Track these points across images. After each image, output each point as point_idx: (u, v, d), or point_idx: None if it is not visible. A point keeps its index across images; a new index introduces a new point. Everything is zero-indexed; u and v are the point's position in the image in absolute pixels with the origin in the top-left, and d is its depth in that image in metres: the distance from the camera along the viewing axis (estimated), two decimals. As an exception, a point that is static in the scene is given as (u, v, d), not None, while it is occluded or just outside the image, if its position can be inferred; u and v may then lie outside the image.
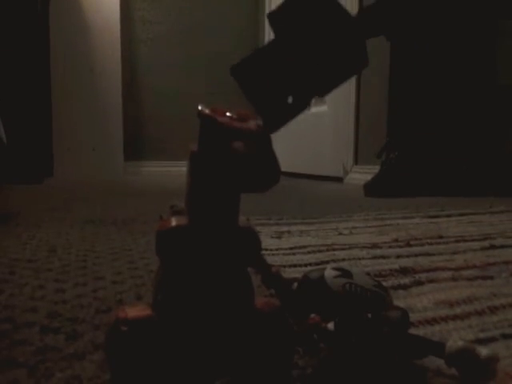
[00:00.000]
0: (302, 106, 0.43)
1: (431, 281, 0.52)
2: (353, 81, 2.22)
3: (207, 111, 0.25)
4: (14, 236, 0.83)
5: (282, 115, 0.42)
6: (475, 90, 1.66)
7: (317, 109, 2.54)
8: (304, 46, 0.40)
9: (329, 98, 2.43)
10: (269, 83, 0.41)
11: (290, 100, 0.42)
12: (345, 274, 0.35)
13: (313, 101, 0.43)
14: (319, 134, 2.50)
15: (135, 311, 0.25)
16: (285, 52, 0.40)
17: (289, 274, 0.55)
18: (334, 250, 0.69)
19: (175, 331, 0.25)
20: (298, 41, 0.40)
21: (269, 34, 3.03)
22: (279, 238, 0.79)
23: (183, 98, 2.94)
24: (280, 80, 0.41)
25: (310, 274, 0.37)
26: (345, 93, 2.29)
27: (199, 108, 0.25)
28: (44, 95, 2.41)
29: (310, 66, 0.41)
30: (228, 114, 0.25)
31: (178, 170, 2.91)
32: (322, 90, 0.43)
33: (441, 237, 0.79)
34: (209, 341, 0.25)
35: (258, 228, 0.91)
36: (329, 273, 0.35)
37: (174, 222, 0.26)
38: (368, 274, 0.55)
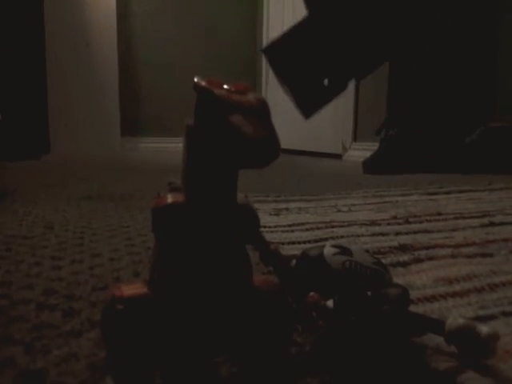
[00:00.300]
0: (339, 88, 0.41)
1: (430, 258, 0.52)
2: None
3: (203, 83, 0.24)
4: (10, 212, 0.82)
5: (317, 99, 0.41)
6: (475, 66, 1.63)
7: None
8: (343, 23, 0.38)
9: (328, 73, 2.40)
10: (304, 65, 0.39)
11: (326, 82, 0.40)
12: (344, 251, 0.35)
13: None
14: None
15: (131, 289, 0.25)
16: (322, 30, 0.38)
17: (287, 251, 0.54)
18: (332, 227, 0.68)
19: (172, 310, 0.24)
20: (336, 17, 0.38)
21: (267, 6, 2.97)
22: (277, 215, 0.78)
23: (181, 73, 2.90)
24: (316, 61, 0.39)
25: (308, 251, 0.37)
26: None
27: (195, 80, 0.24)
28: (39, 71, 2.37)
29: (350, 46, 0.38)
30: (225, 86, 0.24)
31: (175, 146, 2.89)
32: (361, 71, 0.41)
33: (440, 214, 0.78)
34: (206, 319, 0.25)
35: (256, 205, 0.91)
36: (328, 250, 0.35)
37: (170, 199, 0.25)
38: (367, 251, 0.55)
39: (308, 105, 0.40)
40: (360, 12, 0.38)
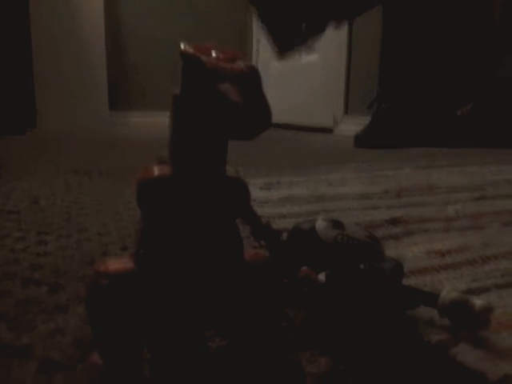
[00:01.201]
0: (316, 30, 0.40)
1: (422, 231, 0.52)
2: (344, 30, 2.15)
3: (190, 50, 0.22)
4: (-5, 187, 0.80)
5: (294, 39, 0.39)
6: (468, 39, 1.61)
7: (307, 58, 2.47)
8: None
9: (320, 47, 2.36)
10: (284, 6, 0.38)
11: (303, 25, 0.39)
12: (336, 224, 0.34)
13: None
14: (309, 84, 2.45)
15: (116, 264, 0.24)
16: None
17: (278, 225, 0.54)
18: (323, 200, 0.68)
19: (159, 284, 0.24)
20: None
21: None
22: (268, 189, 0.77)
23: (169, 44, 2.84)
24: (295, 3, 0.38)
25: (300, 225, 0.36)
26: (336, 43, 2.22)
27: (181, 46, 0.22)
28: (24, 44, 2.31)
29: None
30: (214, 53, 0.23)
31: (164, 120, 2.85)
32: (339, 15, 0.39)
33: (431, 187, 0.78)
34: (195, 294, 0.24)
35: (246, 179, 0.89)
36: (320, 224, 0.34)
37: (156, 172, 0.24)
38: (359, 224, 0.54)
39: (284, 44, 0.39)
40: None
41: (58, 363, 0.26)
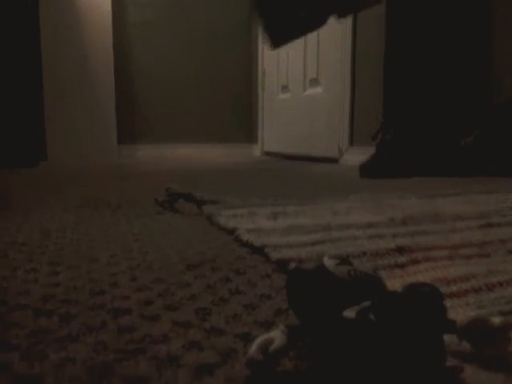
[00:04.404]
0: (316, 21, 0.39)
1: (428, 259, 0.52)
2: (348, 61, 2.20)
3: None
4: (7, 219, 0.82)
5: (291, 29, 0.39)
6: (470, 67, 1.64)
7: (311, 91, 2.52)
8: None
9: (323, 79, 2.41)
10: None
11: (302, 14, 0.39)
12: (344, 261, 0.35)
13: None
14: (314, 116, 2.48)
15: None
16: None
17: (284, 254, 0.54)
18: (329, 230, 0.68)
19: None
20: None
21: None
22: (275, 218, 0.78)
23: (177, 79, 2.91)
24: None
25: (303, 266, 0.36)
26: (340, 74, 2.27)
27: None
28: (36, 79, 2.38)
29: None
30: None
31: (172, 153, 2.89)
32: (343, 7, 0.39)
33: (437, 216, 0.78)
34: None
35: (253, 209, 0.90)
36: (329, 262, 0.34)
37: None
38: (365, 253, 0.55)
39: (279, 34, 0.38)
40: None
41: (70, 391, 0.27)
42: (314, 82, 2.49)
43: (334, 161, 2.31)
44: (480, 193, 1.06)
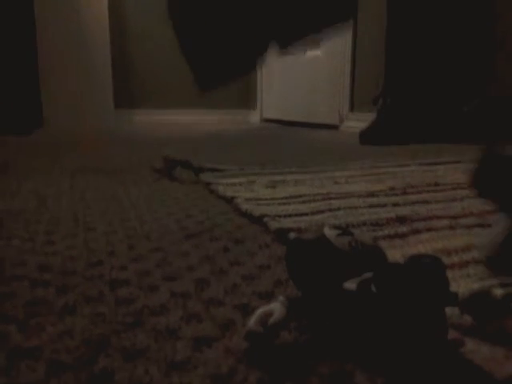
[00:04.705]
0: (243, 69, 0.36)
1: (428, 229, 0.51)
2: (349, 26, 2.15)
3: None
4: (2, 187, 0.81)
5: (219, 74, 0.36)
6: (471, 37, 1.60)
7: (311, 54, 2.46)
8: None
9: (324, 43, 2.36)
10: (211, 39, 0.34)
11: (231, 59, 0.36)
12: (345, 231, 0.34)
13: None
14: (314, 81, 2.44)
15: None
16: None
17: (284, 224, 0.54)
18: (329, 198, 0.68)
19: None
20: None
21: None
22: (274, 187, 0.77)
23: (175, 43, 2.84)
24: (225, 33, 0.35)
25: (305, 235, 0.35)
26: (341, 38, 2.21)
27: None
28: (30, 45, 2.32)
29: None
30: None
31: (169, 119, 2.86)
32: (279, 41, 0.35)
33: (437, 184, 0.78)
34: None
35: (252, 178, 0.89)
36: (329, 232, 0.33)
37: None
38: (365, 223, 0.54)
39: (206, 78, 0.35)
40: None
41: (67, 365, 0.27)
42: (315, 44, 2.43)
43: (334, 127, 2.29)
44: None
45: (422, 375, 0.25)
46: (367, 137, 1.59)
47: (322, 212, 0.60)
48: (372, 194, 0.70)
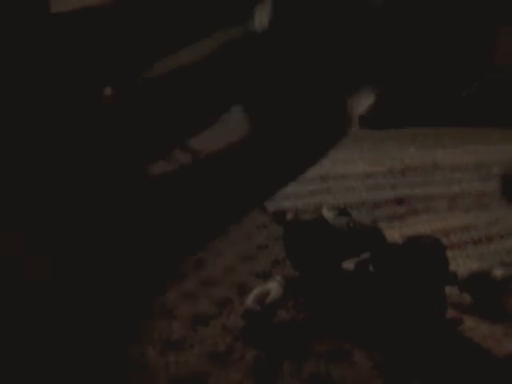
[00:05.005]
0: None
1: (427, 210, 0.51)
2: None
3: None
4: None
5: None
6: (473, 14, 1.58)
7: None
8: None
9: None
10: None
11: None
12: (342, 211, 0.34)
13: None
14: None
15: None
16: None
17: (281, 204, 0.53)
18: (327, 180, 0.67)
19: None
20: None
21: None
22: (272, 168, 0.77)
23: None
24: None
25: (303, 216, 0.35)
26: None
27: None
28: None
29: None
30: None
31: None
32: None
33: (436, 166, 0.77)
34: None
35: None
36: (328, 213, 0.33)
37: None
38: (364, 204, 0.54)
39: None
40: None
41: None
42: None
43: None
44: (480, 143, 1.04)
45: (421, 353, 0.25)
46: (366, 120, 1.59)
47: (319, 193, 0.59)
48: (370, 176, 0.69)
